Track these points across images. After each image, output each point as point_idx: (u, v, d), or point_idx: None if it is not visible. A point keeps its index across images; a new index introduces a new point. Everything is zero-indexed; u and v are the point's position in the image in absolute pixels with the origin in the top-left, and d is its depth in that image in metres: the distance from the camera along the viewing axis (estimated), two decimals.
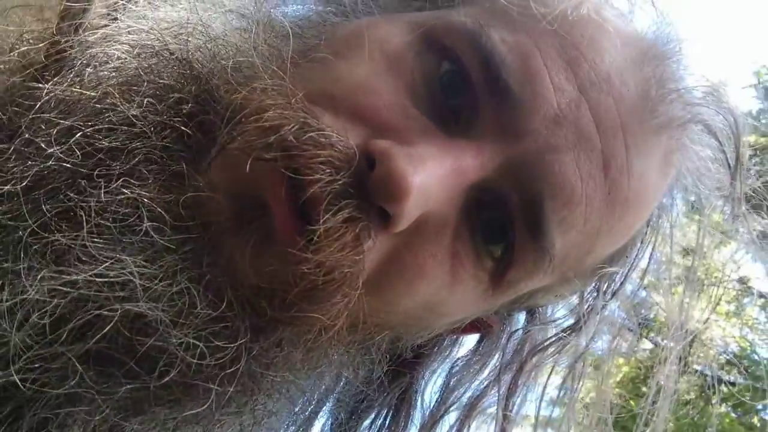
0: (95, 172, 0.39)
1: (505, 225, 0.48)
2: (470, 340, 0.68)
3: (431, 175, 0.42)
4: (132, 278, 0.38)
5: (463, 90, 0.47)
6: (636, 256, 0.61)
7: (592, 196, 0.47)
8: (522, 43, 0.46)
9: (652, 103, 0.49)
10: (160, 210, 0.39)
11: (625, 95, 0.48)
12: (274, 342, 0.42)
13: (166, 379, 0.39)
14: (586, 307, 0.62)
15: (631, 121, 0.48)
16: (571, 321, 0.63)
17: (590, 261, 0.54)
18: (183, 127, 0.41)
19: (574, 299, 0.63)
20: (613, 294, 0.62)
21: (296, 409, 0.56)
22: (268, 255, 0.41)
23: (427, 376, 0.66)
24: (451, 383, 0.66)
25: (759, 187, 0.62)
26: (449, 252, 0.47)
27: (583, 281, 0.58)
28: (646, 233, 0.60)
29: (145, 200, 0.39)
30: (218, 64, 0.43)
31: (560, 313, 0.65)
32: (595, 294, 0.61)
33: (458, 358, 0.67)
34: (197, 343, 0.39)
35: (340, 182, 0.41)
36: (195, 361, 0.39)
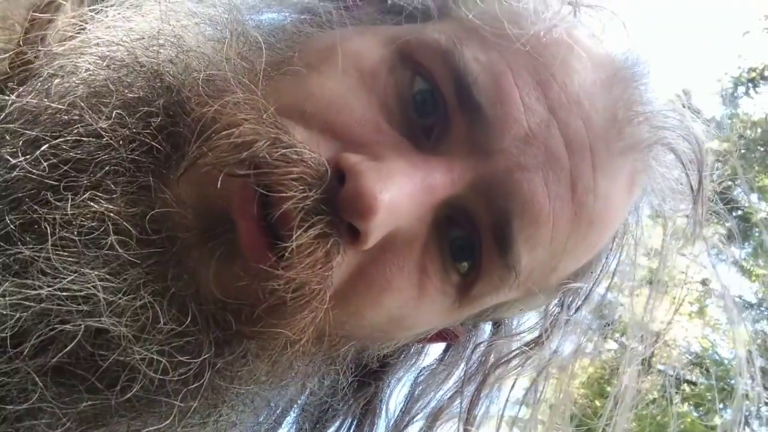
0: (61, 184, 0.39)
1: (473, 241, 0.48)
2: (436, 349, 0.68)
3: (400, 191, 0.43)
4: (96, 292, 0.37)
5: (436, 107, 0.47)
6: (600, 271, 0.62)
7: (559, 216, 0.48)
8: (494, 63, 0.47)
9: (620, 125, 0.50)
10: (125, 224, 0.39)
11: (593, 117, 0.48)
12: (239, 355, 0.42)
13: (129, 394, 0.38)
14: (549, 321, 0.63)
15: (599, 143, 0.49)
16: (535, 334, 0.64)
17: (555, 277, 0.55)
18: (152, 140, 0.41)
19: (539, 313, 0.64)
20: (577, 309, 0.63)
21: (260, 420, 0.56)
22: (234, 270, 0.40)
23: (393, 385, 0.67)
24: (416, 393, 0.66)
25: (718, 191, 0.63)
26: (417, 267, 0.47)
27: (548, 296, 0.59)
28: (611, 249, 0.61)
29: (112, 214, 0.39)
30: (190, 76, 0.43)
31: (525, 326, 0.66)
32: (559, 308, 0.62)
33: (424, 368, 0.67)
34: (160, 358, 0.38)
35: (312, 198, 0.40)
36: (158, 376, 0.38)
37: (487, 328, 0.68)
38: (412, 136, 0.47)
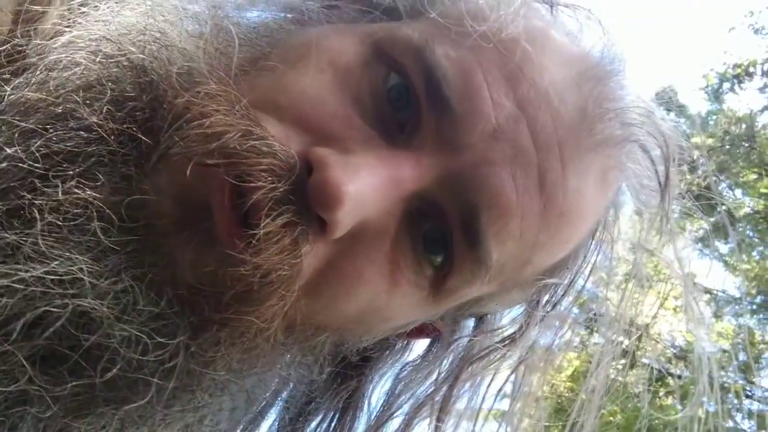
0: (50, 173, 0.40)
1: (445, 235, 0.49)
2: (421, 346, 0.68)
3: (366, 184, 0.44)
4: (81, 276, 0.38)
5: (409, 103, 0.48)
6: (578, 269, 0.62)
7: (527, 209, 0.48)
8: (465, 59, 0.48)
9: (590, 122, 0.51)
10: (108, 211, 0.40)
11: (562, 113, 0.49)
12: (213, 341, 0.43)
13: (110, 374, 0.39)
14: (526, 317, 0.63)
15: (568, 138, 0.49)
16: (512, 330, 0.64)
17: (529, 271, 0.55)
18: (136, 133, 0.42)
19: (519, 308, 0.64)
20: (554, 305, 0.63)
21: (242, 409, 0.56)
22: (207, 257, 0.42)
23: (376, 380, 0.67)
24: (398, 388, 0.67)
25: (703, 186, 0.64)
26: (388, 259, 0.48)
27: (524, 291, 0.59)
28: (590, 246, 0.62)
29: (96, 202, 0.40)
30: (169, 70, 0.44)
31: (503, 321, 0.66)
32: (535, 305, 0.62)
33: (407, 363, 0.68)
34: (140, 337, 0.40)
35: (280, 189, 0.42)
36: (136, 356, 0.40)
37: (470, 324, 0.68)
38: (385, 130, 0.48)
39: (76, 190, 0.40)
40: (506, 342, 0.63)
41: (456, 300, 0.55)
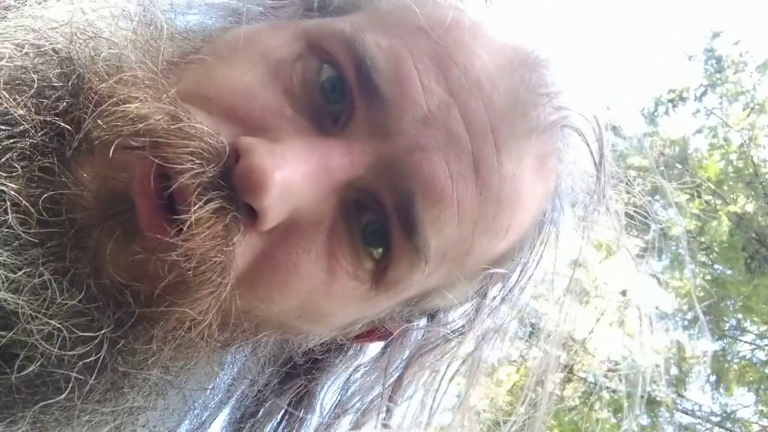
0: None
1: (384, 225, 0.49)
2: (375, 348, 0.68)
3: (295, 171, 0.43)
4: None
5: (342, 93, 0.48)
6: (524, 261, 0.61)
7: (463, 196, 0.48)
8: (395, 47, 0.48)
9: (522, 107, 0.51)
10: (26, 203, 0.39)
11: (495, 99, 0.49)
12: (143, 338, 0.42)
13: (28, 370, 0.38)
14: (475, 309, 0.62)
15: (501, 124, 0.49)
16: (462, 323, 0.63)
17: (472, 261, 0.54)
18: (59, 123, 0.41)
19: (468, 304, 0.63)
20: (503, 299, 0.62)
21: (185, 412, 0.54)
22: (133, 249, 0.40)
23: (329, 384, 0.66)
24: (350, 390, 0.65)
25: (637, 206, 0.65)
26: (325, 250, 0.47)
27: (470, 283, 0.59)
28: (535, 238, 0.61)
29: (12, 193, 0.38)
30: (95, 58, 0.43)
31: (455, 316, 0.65)
32: (484, 296, 0.61)
33: (360, 365, 0.67)
34: (60, 332, 0.38)
35: (209, 174, 0.41)
36: (55, 351, 0.38)
37: (423, 322, 0.66)
38: (319, 121, 0.48)
39: None
40: (456, 333, 0.62)
41: (400, 293, 0.54)
